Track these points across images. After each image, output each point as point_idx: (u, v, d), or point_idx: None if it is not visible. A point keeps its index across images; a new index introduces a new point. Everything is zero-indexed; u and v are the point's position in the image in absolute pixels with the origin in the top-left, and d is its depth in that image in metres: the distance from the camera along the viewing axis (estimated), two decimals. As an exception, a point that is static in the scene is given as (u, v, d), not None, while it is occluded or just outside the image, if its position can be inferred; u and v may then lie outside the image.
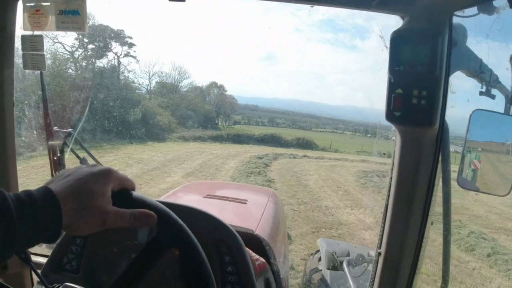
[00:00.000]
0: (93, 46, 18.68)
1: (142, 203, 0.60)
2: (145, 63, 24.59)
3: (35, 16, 1.12)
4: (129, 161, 12.07)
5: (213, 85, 23.43)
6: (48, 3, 1.10)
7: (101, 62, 19.40)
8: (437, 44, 0.87)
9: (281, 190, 9.79)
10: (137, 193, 0.62)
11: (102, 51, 19.15)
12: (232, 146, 19.03)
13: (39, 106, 1.21)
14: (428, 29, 0.88)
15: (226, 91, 23.81)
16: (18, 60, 1.16)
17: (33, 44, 1.13)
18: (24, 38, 1.14)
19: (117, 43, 20.00)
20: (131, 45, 20.37)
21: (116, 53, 19.88)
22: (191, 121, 20.54)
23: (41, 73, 1.16)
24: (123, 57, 20.10)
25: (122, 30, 20.28)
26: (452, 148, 0.98)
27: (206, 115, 21.82)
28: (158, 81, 22.02)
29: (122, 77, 20.14)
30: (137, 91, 20.49)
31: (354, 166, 16.19)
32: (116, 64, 19.72)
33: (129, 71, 21.15)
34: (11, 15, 1.16)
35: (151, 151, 14.57)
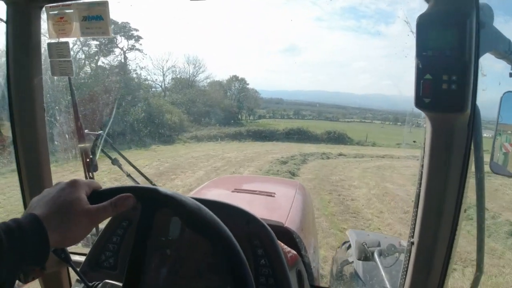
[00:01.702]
0: (98, 43, 16.43)
1: (120, 190, 0.66)
2: (158, 58, 22.56)
3: (60, 23, 1.15)
4: (104, 179, 7.68)
5: (234, 79, 21.44)
6: (72, 10, 1.13)
7: (110, 60, 17.62)
8: (465, 27, 0.84)
9: (320, 226, 5.77)
10: (110, 187, 0.68)
11: (108, 47, 16.99)
12: (252, 145, 16.15)
13: (69, 110, 1.25)
14: (455, 11, 0.85)
15: (247, 84, 21.72)
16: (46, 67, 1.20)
17: (59, 51, 1.16)
18: (50, 45, 1.18)
19: (123, 37, 17.60)
20: (138, 39, 18.14)
21: (122, 48, 17.68)
22: (207, 118, 18.43)
23: (69, 78, 1.20)
24: (129, 51, 17.85)
25: (127, 22, 17.76)
26: (484, 133, 0.95)
27: (226, 110, 19.65)
28: (173, 77, 20.24)
29: (135, 75, 18.29)
30: (152, 89, 18.90)
31: (406, 166, 12.03)
32: (123, 60, 17.90)
33: (141, 68, 19.86)
34: (36, 24, 1.19)
35: (148, 158, 11.57)
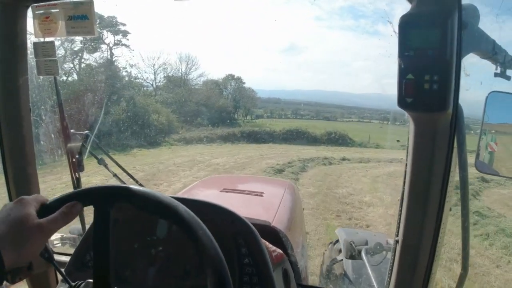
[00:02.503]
0: (83, 39, 14.73)
1: (66, 199, 0.67)
2: (149, 55, 21.21)
3: (45, 23, 1.15)
4: (93, 181, 6.59)
5: (230, 77, 20.45)
6: (57, 10, 1.13)
7: (96, 57, 16.51)
8: (447, 27, 0.85)
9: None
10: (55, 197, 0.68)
11: (94, 43, 15.58)
12: (245, 148, 14.67)
13: (54, 110, 1.25)
14: (437, 11, 0.86)
15: (244, 83, 20.71)
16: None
17: (45, 50, 1.16)
18: (36, 45, 1.17)
19: (110, 33, 16.37)
20: (125, 34, 16.89)
21: (108, 44, 16.45)
22: (199, 118, 16.99)
23: (54, 78, 1.19)
24: (116, 47, 16.70)
25: (114, 17, 16.50)
26: (469, 132, 0.96)
27: (221, 110, 18.39)
28: (164, 75, 18.85)
29: (125, 73, 16.98)
30: (144, 88, 17.51)
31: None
32: (109, 57, 16.72)
33: (131, 66, 18.54)
34: (22, 23, 1.19)
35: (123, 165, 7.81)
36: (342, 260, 2.21)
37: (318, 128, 17.90)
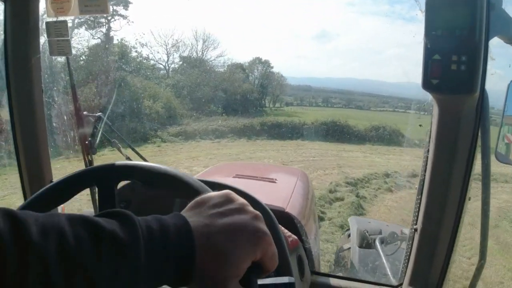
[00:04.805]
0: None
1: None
2: (161, 33, 17.60)
3: (58, 2, 1.12)
4: None
5: (257, 61, 17.55)
6: (70, -12, 1.10)
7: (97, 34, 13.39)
8: (476, 7, 0.82)
9: None
10: None
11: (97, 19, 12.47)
12: (266, 146, 10.82)
13: (67, 91, 1.23)
14: (465, -9, 0.83)
15: (272, 67, 17.85)
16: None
17: (57, 30, 1.13)
18: (48, 24, 1.15)
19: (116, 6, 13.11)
20: (127, 5, 13.56)
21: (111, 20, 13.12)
22: (214, 105, 13.62)
23: (67, 58, 1.17)
24: (117, 20, 13.24)
25: None
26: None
27: (244, 96, 15.05)
28: (179, 54, 15.56)
29: (135, 53, 13.73)
30: (151, 70, 14.11)
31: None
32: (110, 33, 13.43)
33: (142, 45, 14.64)
34: (34, 2, 1.16)
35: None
36: (349, 248, 2.19)
37: (357, 118, 13.55)
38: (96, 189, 0.64)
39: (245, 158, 9.31)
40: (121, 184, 0.69)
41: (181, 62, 15.77)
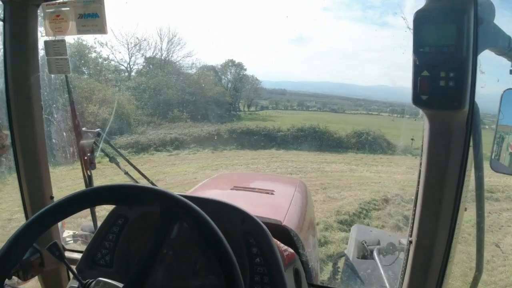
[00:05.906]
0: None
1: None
2: (123, 32, 15.61)
3: (56, 21, 1.15)
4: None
5: (230, 63, 16.65)
6: (68, 8, 1.13)
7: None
8: (463, 23, 0.83)
9: None
10: None
11: None
12: (232, 160, 9.29)
13: (66, 108, 1.25)
14: (452, 7, 0.84)
15: (245, 70, 16.89)
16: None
17: (56, 48, 1.16)
18: (47, 43, 1.18)
19: None
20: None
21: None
22: (178, 110, 12.11)
23: (66, 76, 1.20)
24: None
25: None
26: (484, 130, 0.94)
27: (216, 99, 13.78)
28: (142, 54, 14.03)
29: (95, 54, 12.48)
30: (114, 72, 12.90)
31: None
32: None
33: (101, 45, 12.88)
34: (33, 22, 1.20)
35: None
36: (344, 256, 2.18)
37: (335, 122, 12.56)
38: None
39: (203, 177, 6.81)
40: None
41: (145, 63, 14.29)
